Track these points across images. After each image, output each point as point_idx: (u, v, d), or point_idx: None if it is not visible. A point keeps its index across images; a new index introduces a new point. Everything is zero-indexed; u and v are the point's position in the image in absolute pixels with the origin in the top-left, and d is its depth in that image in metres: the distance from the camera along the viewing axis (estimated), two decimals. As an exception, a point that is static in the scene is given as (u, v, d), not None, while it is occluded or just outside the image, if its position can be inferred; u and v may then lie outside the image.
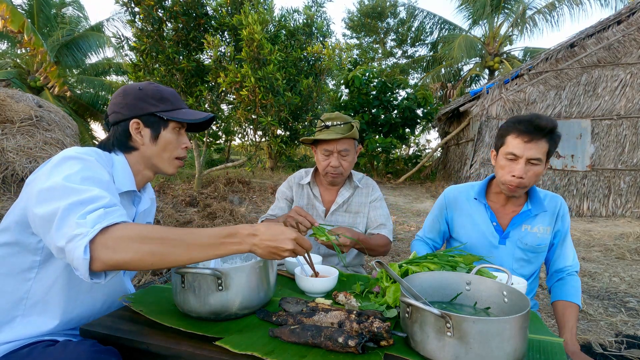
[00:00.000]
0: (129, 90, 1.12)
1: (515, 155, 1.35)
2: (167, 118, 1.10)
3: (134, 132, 1.09)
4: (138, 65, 6.22)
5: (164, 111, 1.10)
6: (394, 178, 12.41)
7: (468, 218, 1.58)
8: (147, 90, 1.11)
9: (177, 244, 0.81)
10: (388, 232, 1.79)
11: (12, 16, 7.39)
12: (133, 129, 1.09)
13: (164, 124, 1.11)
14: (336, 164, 1.71)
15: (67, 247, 0.76)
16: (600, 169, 7.15)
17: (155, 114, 1.09)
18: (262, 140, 7.55)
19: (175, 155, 1.15)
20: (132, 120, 1.09)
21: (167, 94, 1.13)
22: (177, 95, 1.17)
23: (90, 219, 0.77)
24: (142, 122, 1.09)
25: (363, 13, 20.85)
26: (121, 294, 1.11)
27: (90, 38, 13.18)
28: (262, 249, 0.87)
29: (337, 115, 1.73)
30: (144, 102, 1.09)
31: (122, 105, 1.10)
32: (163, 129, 1.11)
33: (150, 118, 1.10)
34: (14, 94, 4.46)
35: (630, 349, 2.16)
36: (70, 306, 1.00)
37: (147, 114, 1.09)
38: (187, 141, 1.18)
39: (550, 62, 7.42)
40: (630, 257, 4.11)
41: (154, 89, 1.12)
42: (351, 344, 0.76)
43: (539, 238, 1.49)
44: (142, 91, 1.10)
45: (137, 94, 1.10)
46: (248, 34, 5.26)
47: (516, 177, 1.35)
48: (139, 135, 1.10)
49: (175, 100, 1.14)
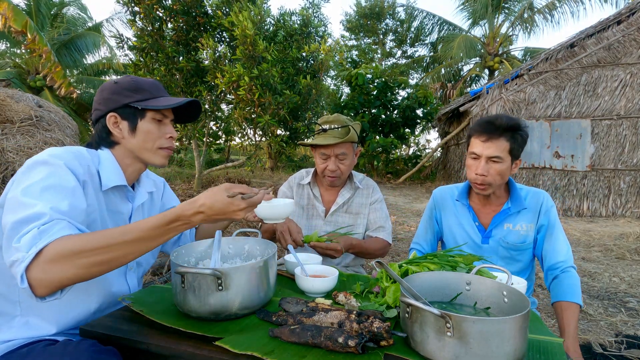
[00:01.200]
0: (105, 86, 1.10)
1: (476, 154, 1.43)
2: (142, 107, 1.07)
3: (111, 126, 1.07)
4: (138, 64, 6.22)
5: (139, 101, 1.07)
6: (394, 178, 12.41)
7: (454, 218, 1.63)
8: (122, 83, 1.09)
9: (119, 247, 0.79)
10: (387, 235, 1.81)
11: (15, 15, 7.37)
12: (111, 123, 1.07)
13: (140, 114, 1.08)
14: (333, 168, 1.71)
15: (12, 271, 0.76)
16: (600, 169, 7.15)
17: (130, 105, 1.07)
18: (262, 140, 7.54)
19: (158, 145, 1.12)
20: (109, 114, 1.07)
21: (144, 83, 1.10)
22: (156, 85, 1.14)
23: (24, 242, 0.75)
24: (119, 115, 1.07)
25: (361, 14, 20.83)
26: (121, 295, 1.10)
27: (90, 38, 13.18)
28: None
29: (335, 119, 1.71)
30: (119, 95, 1.07)
31: (99, 101, 1.09)
32: (140, 119, 1.08)
33: (125, 110, 1.07)
34: (14, 94, 4.45)
35: (630, 349, 2.16)
36: (65, 309, 0.99)
37: (122, 106, 1.07)
38: (171, 130, 1.14)
39: (550, 62, 7.42)
40: (630, 257, 4.11)
41: (129, 81, 1.10)
42: (351, 344, 0.76)
43: (522, 236, 1.51)
44: (117, 84, 1.09)
45: (112, 88, 1.08)
46: (241, 32, 5.26)
47: (478, 175, 1.42)
48: (118, 128, 1.08)
49: (153, 89, 1.11)
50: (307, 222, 1.84)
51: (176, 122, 1.21)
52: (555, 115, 7.35)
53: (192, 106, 1.18)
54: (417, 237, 1.75)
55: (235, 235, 1.23)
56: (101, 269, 0.79)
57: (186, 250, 1.11)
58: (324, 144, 1.67)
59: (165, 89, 1.17)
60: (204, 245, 1.16)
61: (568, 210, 7.29)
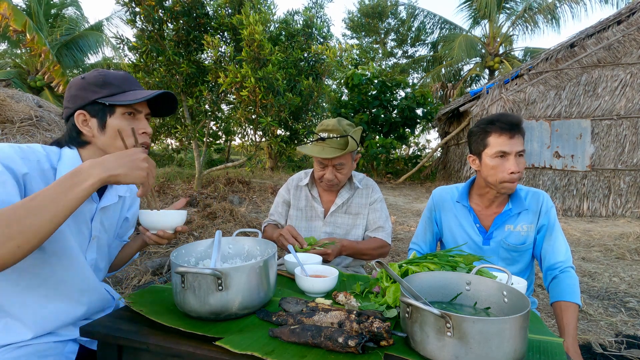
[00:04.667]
0: (73, 82, 1.05)
1: (506, 152, 1.40)
2: (109, 103, 1.01)
3: (80, 125, 1.02)
4: (138, 65, 6.22)
5: (107, 96, 1.01)
6: (394, 178, 12.41)
7: (454, 219, 1.62)
8: (89, 78, 1.03)
9: (27, 215, 0.76)
10: (386, 235, 1.79)
11: (15, 15, 7.38)
12: (79, 121, 1.02)
13: (109, 110, 1.02)
14: (330, 177, 1.69)
15: None
16: (600, 169, 7.15)
17: (97, 101, 1.01)
18: (262, 141, 7.55)
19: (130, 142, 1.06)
20: (77, 112, 1.02)
21: (113, 77, 1.04)
22: (127, 78, 1.07)
23: None
24: (87, 113, 1.02)
25: (363, 13, 20.85)
26: (97, 297, 1.08)
27: (90, 38, 13.19)
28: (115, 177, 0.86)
29: (334, 127, 1.64)
30: (86, 91, 1.02)
31: (68, 98, 1.04)
32: (109, 116, 1.02)
33: (94, 106, 1.02)
34: (14, 94, 4.45)
35: (630, 349, 2.16)
36: (41, 312, 0.98)
37: (90, 103, 1.01)
38: (144, 126, 1.08)
39: (550, 62, 7.42)
40: (630, 257, 4.11)
41: (97, 75, 1.03)
42: (351, 344, 0.76)
43: (523, 237, 1.51)
44: (84, 80, 1.03)
45: (80, 84, 1.03)
46: (249, 34, 5.27)
47: (515, 172, 1.40)
48: (87, 126, 1.03)
49: (123, 83, 1.05)
50: (306, 224, 1.83)
51: (153, 116, 1.16)
52: (555, 115, 7.35)
53: (168, 98, 1.12)
54: (416, 238, 1.75)
55: (235, 235, 1.23)
56: (13, 247, 0.75)
57: (186, 250, 1.11)
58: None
59: (136, 82, 1.10)
60: (204, 245, 1.16)
61: (568, 210, 7.29)
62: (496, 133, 1.41)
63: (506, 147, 1.39)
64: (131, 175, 0.88)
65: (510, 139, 1.39)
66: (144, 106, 1.08)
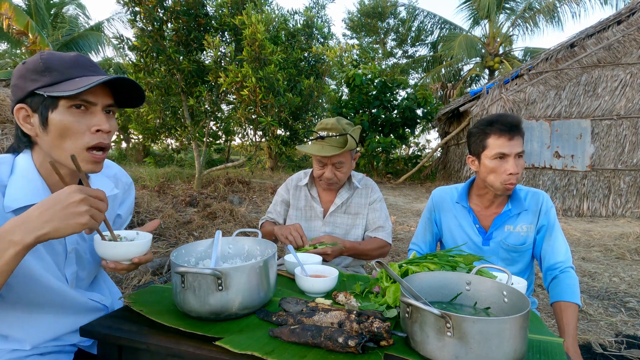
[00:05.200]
0: (15, 70, 0.85)
1: (505, 154, 1.40)
2: (48, 94, 0.80)
3: (21, 121, 0.84)
4: (138, 65, 6.22)
5: (46, 86, 0.81)
6: (394, 178, 12.42)
7: (454, 220, 1.62)
8: (29, 63, 0.83)
9: None
10: (386, 235, 1.79)
11: (16, 15, 7.38)
12: (20, 117, 0.84)
13: (51, 103, 0.81)
14: (330, 176, 1.69)
15: None
16: (600, 169, 7.15)
17: (36, 92, 0.81)
18: (262, 141, 7.55)
19: (82, 144, 0.84)
20: (16, 106, 0.83)
21: (56, 61, 0.83)
22: (75, 60, 0.85)
23: None
24: (28, 107, 0.83)
25: (363, 13, 20.86)
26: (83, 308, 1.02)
27: (90, 38, 13.20)
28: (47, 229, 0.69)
29: (333, 126, 1.65)
30: (25, 80, 0.82)
31: (11, 89, 0.85)
32: (51, 110, 0.82)
33: (34, 99, 0.82)
34: (14, 94, 4.45)
35: (630, 349, 2.16)
36: (25, 330, 0.92)
37: (29, 95, 0.82)
38: (100, 122, 0.85)
39: (550, 62, 7.42)
40: (630, 257, 4.11)
41: (37, 60, 0.83)
42: (351, 344, 0.76)
43: (523, 237, 1.51)
44: (24, 66, 0.84)
45: (19, 71, 0.84)
46: (250, 34, 5.27)
47: (514, 174, 1.40)
48: (29, 124, 0.84)
49: (67, 68, 0.83)
50: (305, 224, 1.83)
51: (120, 107, 0.93)
52: (555, 115, 7.35)
53: (130, 84, 0.88)
54: (416, 238, 1.75)
55: (235, 235, 1.23)
56: None
57: (186, 250, 1.11)
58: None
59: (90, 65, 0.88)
60: (204, 245, 1.16)
61: (568, 210, 7.29)
62: (495, 134, 1.41)
63: (505, 148, 1.39)
64: (65, 228, 0.71)
65: (509, 140, 1.39)
66: (102, 97, 0.86)
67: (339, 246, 1.57)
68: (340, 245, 1.58)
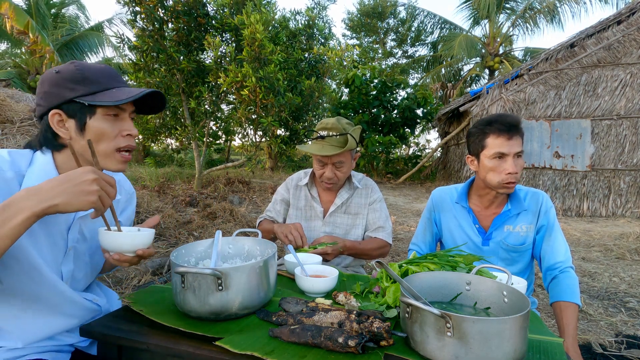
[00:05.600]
0: (45, 77, 0.93)
1: (503, 154, 1.41)
2: (89, 103, 0.90)
3: (56, 126, 0.91)
4: (138, 64, 6.22)
5: (85, 95, 0.90)
6: (394, 178, 12.42)
7: (453, 220, 1.62)
8: (64, 72, 0.91)
9: None
10: (386, 235, 1.80)
11: (17, 15, 7.37)
12: (54, 122, 0.91)
13: (89, 110, 0.91)
14: (330, 175, 1.70)
15: None
16: (600, 169, 7.15)
17: (75, 100, 0.90)
18: (262, 141, 7.55)
19: (114, 146, 0.95)
20: (52, 111, 0.91)
21: (92, 73, 0.93)
22: (108, 72, 0.96)
23: None
24: (64, 113, 0.91)
25: (363, 13, 20.86)
26: (79, 307, 1.02)
27: (91, 38, 13.21)
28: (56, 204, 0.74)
29: (334, 125, 1.65)
30: (61, 88, 0.90)
31: (40, 95, 0.93)
32: (89, 117, 0.91)
33: (71, 106, 0.91)
34: (14, 94, 4.46)
35: (630, 349, 2.16)
36: (21, 326, 0.93)
37: (67, 102, 0.90)
38: (129, 127, 0.97)
39: (550, 62, 7.42)
40: (630, 257, 4.11)
41: (74, 70, 0.92)
42: (351, 344, 0.76)
43: (522, 237, 1.51)
44: (58, 74, 0.91)
45: (53, 79, 0.91)
46: (250, 33, 5.27)
47: (512, 173, 1.40)
48: (64, 128, 0.92)
49: (103, 79, 0.94)
50: (305, 224, 1.83)
51: (139, 114, 1.04)
52: (555, 115, 7.35)
53: (155, 95, 1.01)
54: (416, 238, 1.75)
55: (235, 235, 1.23)
56: None
57: (186, 250, 1.11)
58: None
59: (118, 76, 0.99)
60: (204, 245, 1.16)
61: (568, 210, 7.29)
62: (494, 134, 1.42)
63: (504, 148, 1.40)
64: (75, 203, 0.75)
65: (508, 140, 1.40)
66: (129, 104, 0.98)
67: (339, 245, 1.57)
68: (340, 245, 1.58)
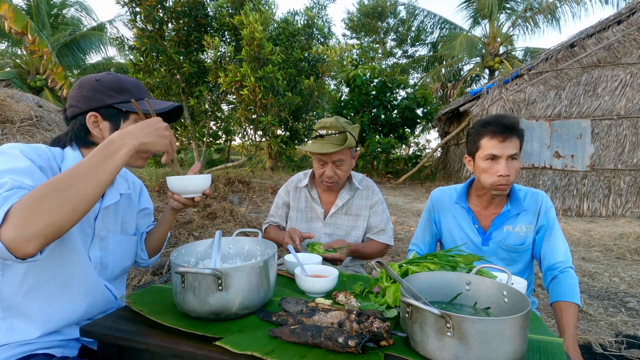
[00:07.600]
0: (85, 82, 1.07)
1: (496, 156, 1.41)
2: (126, 110, 1.05)
3: (91, 126, 1.05)
4: (138, 65, 6.22)
5: (123, 102, 1.06)
6: (394, 178, 12.42)
7: (453, 220, 1.62)
8: (104, 81, 1.07)
9: (73, 181, 0.79)
10: (388, 238, 1.81)
11: (15, 16, 7.36)
12: (90, 122, 1.05)
13: (123, 115, 1.07)
14: (330, 174, 1.70)
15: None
16: (600, 169, 7.15)
17: (113, 106, 1.05)
18: (262, 140, 7.55)
19: None
20: (89, 113, 1.04)
21: (128, 84, 1.09)
22: (139, 85, 1.13)
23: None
24: (100, 115, 1.05)
25: (363, 13, 20.85)
26: (101, 296, 1.08)
27: (92, 38, 13.21)
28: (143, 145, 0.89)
29: (332, 124, 1.66)
30: (101, 94, 1.05)
31: (78, 98, 1.06)
32: (123, 121, 1.07)
33: (108, 110, 1.05)
34: (14, 94, 4.46)
35: (630, 349, 2.16)
36: (47, 311, 0.98)
37: (105, 106, 1.05)
38: None
39: (550, 62, 7.42)
40: (630, 257, 4.11)
41: (112, 80, 1.08)
42: (351, 344, 0.76)
43: (522, 237, 1.51)
44: (99, 82, 1.06)
45: (94, 86, 1.06)
46: (249, 33, 5.27)
47: (503, 175, 1.40)
48: (98, 128, 1.06)
49: (137, 90, 1.10)
50: (306, 225, 1.83)
51: None
52: (555, 115, 7.35)
53: (177, 108, 1.18)
54: (416, 239, 1.75)
55: (235, 235, 1.23)
56: (69, 210, 0.77)
57: (186, 250, 1.11)
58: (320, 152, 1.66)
59: (145, 89, 1.16)
60: (204, 245, 1.16)
61: (568, 210, 7.29)
62: (488, 136, 1.42)
63: (496, 150, 1.40)
64: (158, 143, 0.93)
65: (501, 142, 1.40)
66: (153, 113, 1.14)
67: (348, 249, 1.62)
68: (348, 249, 1.63)
